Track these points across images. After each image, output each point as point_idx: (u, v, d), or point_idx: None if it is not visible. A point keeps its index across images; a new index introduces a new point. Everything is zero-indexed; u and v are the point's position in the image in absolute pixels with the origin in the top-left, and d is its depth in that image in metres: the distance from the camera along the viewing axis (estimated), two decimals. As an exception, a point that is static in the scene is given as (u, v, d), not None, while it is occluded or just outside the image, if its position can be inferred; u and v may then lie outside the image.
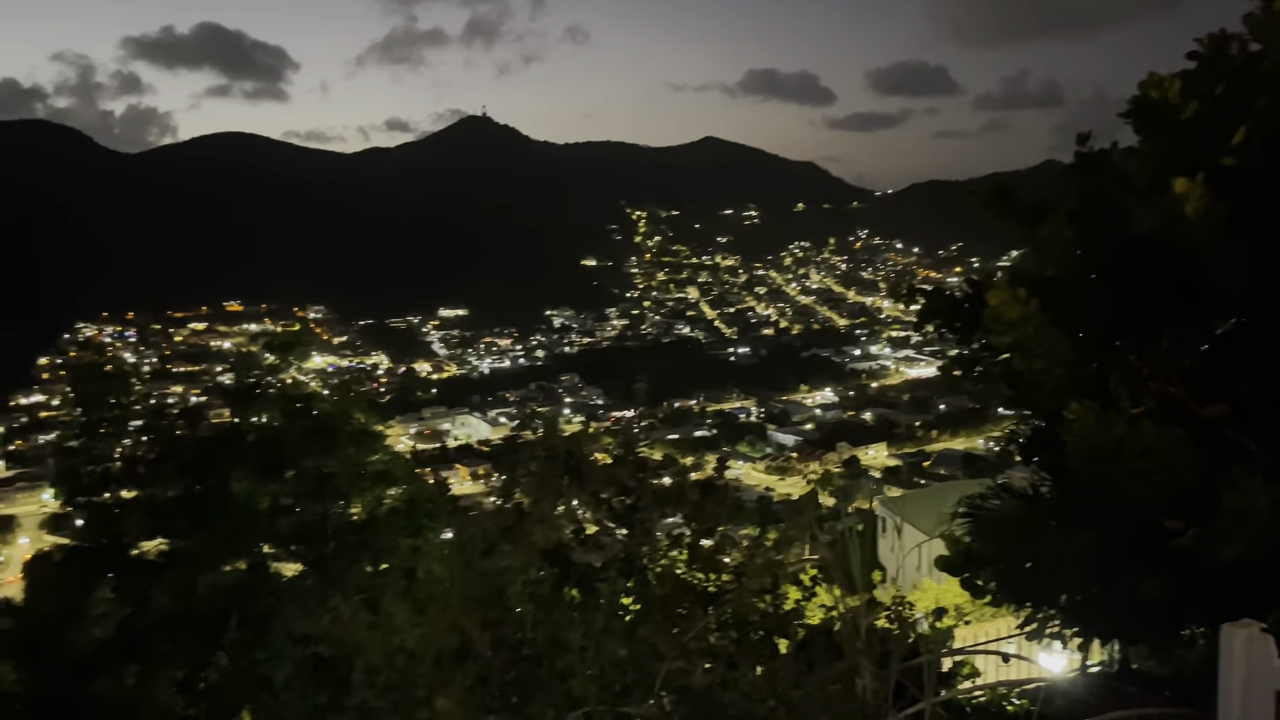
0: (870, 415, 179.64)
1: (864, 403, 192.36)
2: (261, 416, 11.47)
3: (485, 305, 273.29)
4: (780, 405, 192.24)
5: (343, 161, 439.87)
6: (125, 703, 8.78)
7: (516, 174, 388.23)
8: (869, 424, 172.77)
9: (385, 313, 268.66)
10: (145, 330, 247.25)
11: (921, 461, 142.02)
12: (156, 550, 10.67)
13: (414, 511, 10.80)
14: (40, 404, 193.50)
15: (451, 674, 6.45)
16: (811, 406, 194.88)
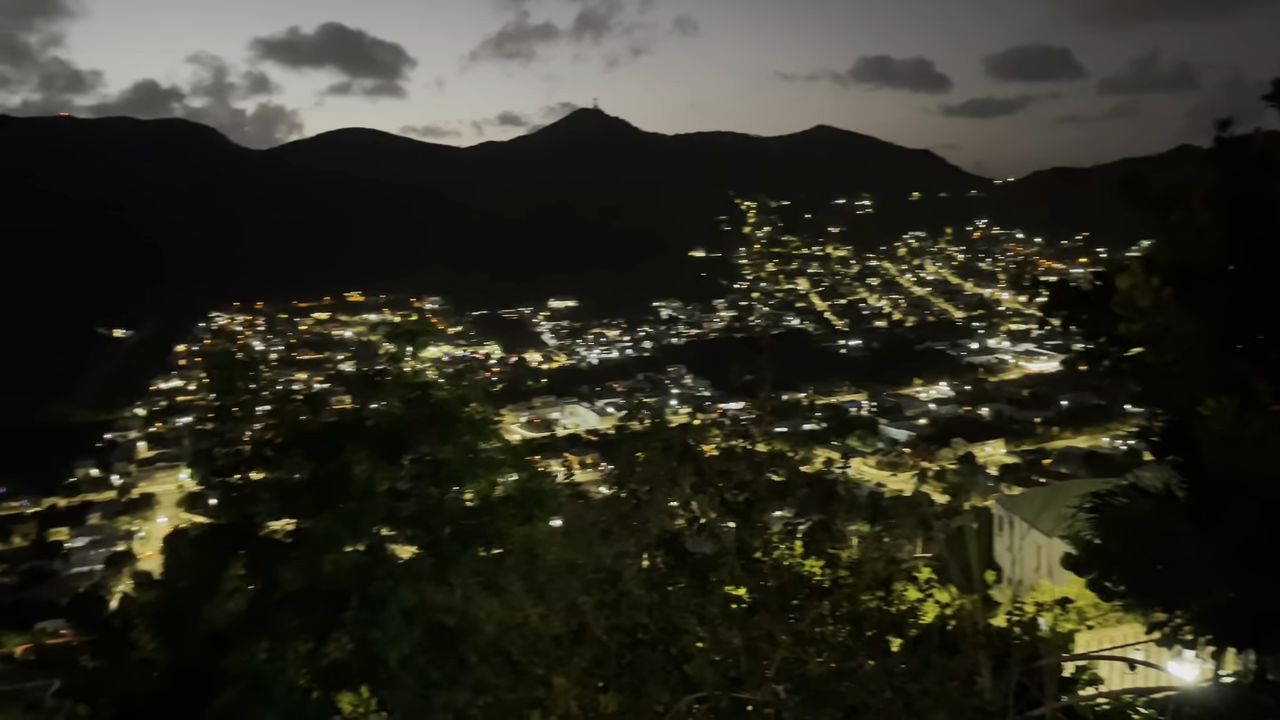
0: (987, 411, 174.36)
1: (981, 398, 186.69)
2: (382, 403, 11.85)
3: (594, 296, 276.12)
4: (893, 399, 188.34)
5: (458, 155, 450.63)
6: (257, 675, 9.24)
7: (626, 166, 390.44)
8: (986, 420, 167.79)
9: (498, 304, 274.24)
10: (273, 319, 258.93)
11: (1041, 459, 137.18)
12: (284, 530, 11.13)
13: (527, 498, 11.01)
14: (178, 389, 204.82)
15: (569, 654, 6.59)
16: (925, 401, 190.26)
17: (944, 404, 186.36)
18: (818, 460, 9.57)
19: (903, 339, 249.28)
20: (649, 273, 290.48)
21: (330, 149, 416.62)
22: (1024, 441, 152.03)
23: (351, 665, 10.68)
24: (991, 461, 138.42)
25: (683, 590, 6.73)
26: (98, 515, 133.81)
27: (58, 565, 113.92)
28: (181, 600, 10.43)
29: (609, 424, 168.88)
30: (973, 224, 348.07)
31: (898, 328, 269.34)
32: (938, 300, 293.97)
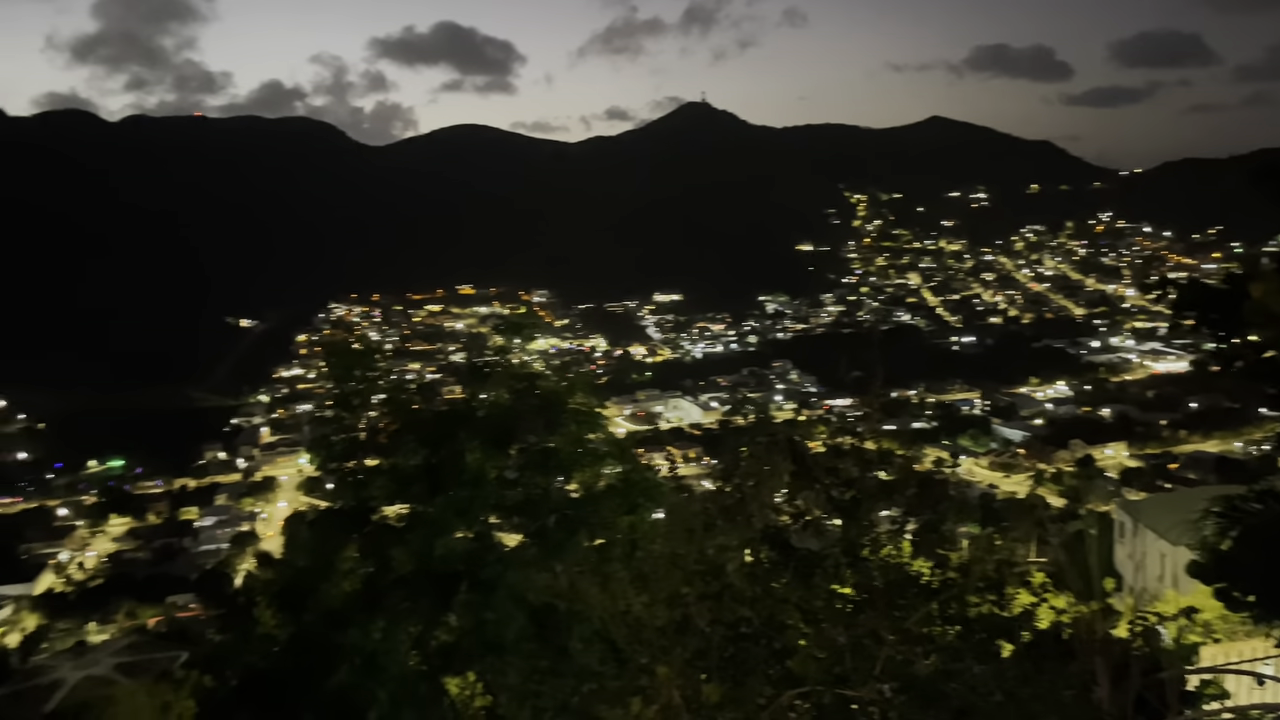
0: (1108, 412, 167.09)
1: (1102, 398, 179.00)
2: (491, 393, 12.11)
3: (699, 290, 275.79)
4: (1007, 398, 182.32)
5: (566, 150, 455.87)
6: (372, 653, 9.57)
7: (734, 159, 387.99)
8: (1107, 421, 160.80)
9: (604, 297, 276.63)
10: (388, 311, 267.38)
11: (1167, 464, 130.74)
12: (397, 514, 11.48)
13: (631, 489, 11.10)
14: (299, 377, 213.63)
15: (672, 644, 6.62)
16: (1042, 400, 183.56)
17: (1062, 404, 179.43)
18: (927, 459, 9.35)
19: (1019, 336, 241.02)
20: (755, 266, 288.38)
21: (443, 145, 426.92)
22: (1148, 445, 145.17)
23: (460, 648, 10.95)
24: (1112, 465, 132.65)
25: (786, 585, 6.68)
26: (224, 496, 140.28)
27: (187, 542, 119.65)
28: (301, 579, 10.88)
29: (712, 418, 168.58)
30: (1096, 217, 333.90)
31: (1013, 324, 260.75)
32: (1057, 296, 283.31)
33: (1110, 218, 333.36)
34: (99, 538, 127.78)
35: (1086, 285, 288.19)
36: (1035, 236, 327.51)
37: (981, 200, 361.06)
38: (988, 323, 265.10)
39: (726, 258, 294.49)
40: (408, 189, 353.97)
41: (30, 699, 29.00)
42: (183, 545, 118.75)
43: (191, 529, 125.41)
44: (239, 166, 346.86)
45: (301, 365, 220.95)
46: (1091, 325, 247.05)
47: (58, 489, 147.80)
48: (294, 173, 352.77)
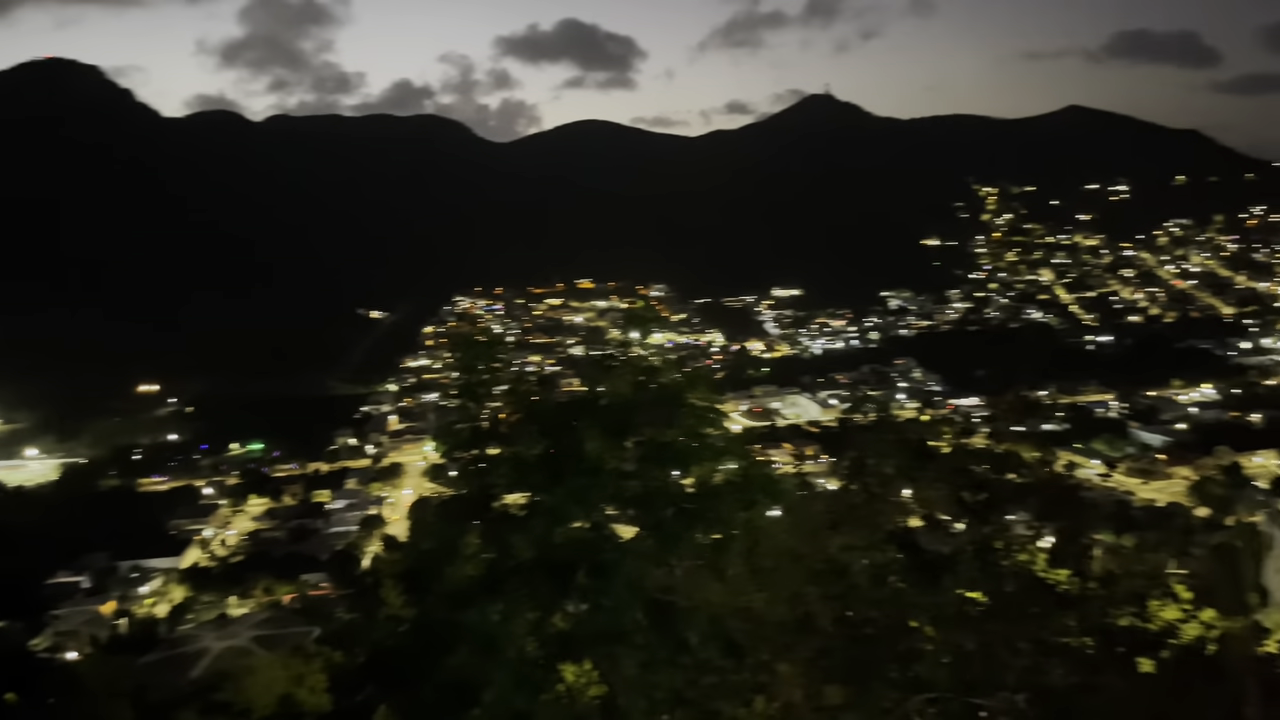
0: (1259, 417, 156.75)
1: (1252, 402, 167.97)
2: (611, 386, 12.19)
3: (820, 285, 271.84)
4: (1147, 401, 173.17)
5: (687, 145, 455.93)
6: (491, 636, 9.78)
7: (858, 151, 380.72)
8: (1258, 427, 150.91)
9: (722, 292, 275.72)
10: (511, 304, 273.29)
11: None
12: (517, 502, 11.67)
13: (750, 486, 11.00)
14: (425, 367, 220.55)
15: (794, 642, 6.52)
16: (1185, 404, 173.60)
17: (1207, 408, 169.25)
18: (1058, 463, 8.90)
19: (1160, 336, 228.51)
20: (878, 261, 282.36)
21: (565, 140, 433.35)
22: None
23: (576, 637, 11.08)
24: (1262, 473, 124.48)
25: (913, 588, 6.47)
26: (354, 481, 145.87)
27: (320, 524, 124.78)
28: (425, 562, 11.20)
29: (831, 416, 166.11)
30: (1248, 211, 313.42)
31: (1155, 323, 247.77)
32: (1203, 294, 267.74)
33: (1264, 211, 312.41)
34: (240, 516, 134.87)
35: (1236, 283, 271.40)
36: (1181, 231, 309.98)
37: (1122, 193, 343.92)
38: (1126, 322, 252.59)
39: (848, 252, 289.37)
40: (531, 184, 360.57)
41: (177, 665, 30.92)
42: (315, 526, 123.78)
43: (323, 511, 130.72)
44: (371, 163, 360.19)
45: (427, 356, 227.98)
46: (1241, 325, 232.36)
47: (203, 469, 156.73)
48: (423, 169, 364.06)
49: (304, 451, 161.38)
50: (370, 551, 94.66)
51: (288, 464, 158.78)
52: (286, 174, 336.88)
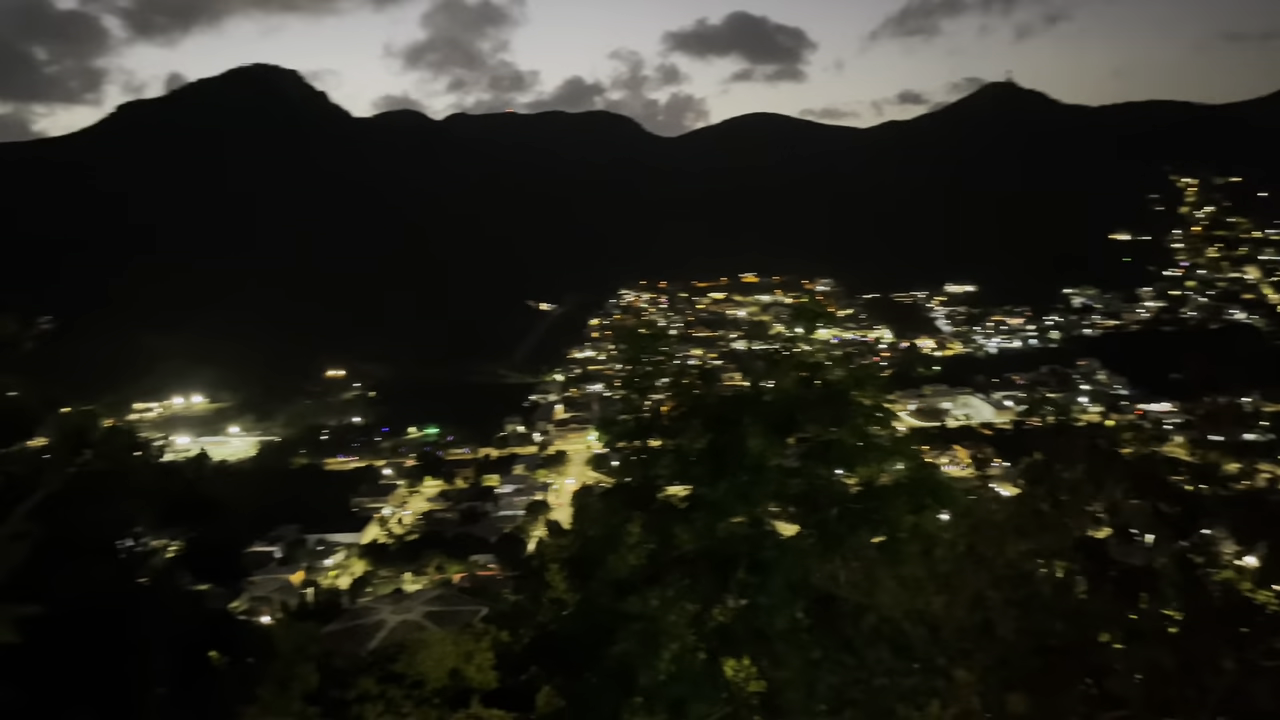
0: None
1: None
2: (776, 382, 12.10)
3: (997, 281, 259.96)
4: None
5: (857, 136, 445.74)
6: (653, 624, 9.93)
7: (1041, 140, 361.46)
8: None
9: (891, 287, 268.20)
10: (674, 298, 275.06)
11: None
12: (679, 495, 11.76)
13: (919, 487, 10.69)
14: (590, 358, 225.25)
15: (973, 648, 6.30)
16: None
17: None
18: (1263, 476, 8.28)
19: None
20: (1060, 255, 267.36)
21: (733, 134, 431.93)
22: None
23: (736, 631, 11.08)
24: None
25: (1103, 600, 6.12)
26: (521, 466, 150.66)
27: (489, 507, 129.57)
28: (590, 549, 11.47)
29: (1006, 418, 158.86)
30: None
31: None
32: None
33: None
34: (416, 497, 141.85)
35: None
36: None
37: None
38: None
39: (1029, 247, 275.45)
40: (697, 178, 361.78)
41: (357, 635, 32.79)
42: (484, 509, 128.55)
43: (492, 495, 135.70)
44: (543, 159, 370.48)
45: (593, 348, 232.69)
46: None
47: (384, 451, 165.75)
48: (592, 164, 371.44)
49: (475, 437, 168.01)
50: (535, 535, 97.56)
51: (460, 448, 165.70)
52: (464, 170, 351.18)
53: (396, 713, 19.55)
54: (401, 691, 20.06)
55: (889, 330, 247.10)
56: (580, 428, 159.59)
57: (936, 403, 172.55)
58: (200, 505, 11.42)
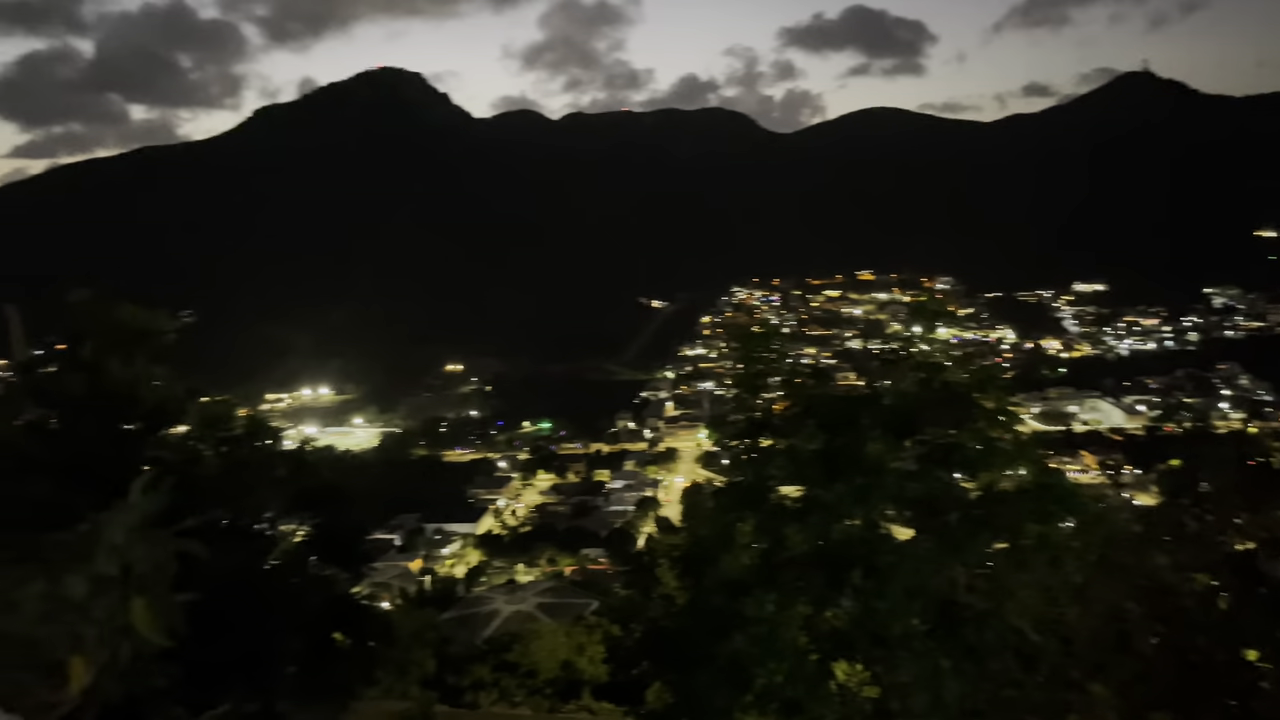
0: None
1: None
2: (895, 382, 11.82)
3: (1129, 279, 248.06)
4: None
5: (979, 130, 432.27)
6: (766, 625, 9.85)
7: (1182, 133, 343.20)
8: None
9: (1015, 285, 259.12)
10: (788, 295, 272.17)
11: None
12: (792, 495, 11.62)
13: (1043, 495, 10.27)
14: (701, 356, 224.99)
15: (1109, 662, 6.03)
16: None
17: None
18: None
19: None
20: (1201, 255, 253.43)
21: (850, 129, 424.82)
22: None
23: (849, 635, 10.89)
24: None
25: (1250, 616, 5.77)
26: (631, 463, 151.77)
27: (599, 502, 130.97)
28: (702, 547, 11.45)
29: (1138, 424, 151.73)
30: None
31: None
32: None
33: None
34: (529, 490, 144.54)
35: None
36: None
37: None
38: None
39: (1165, 245, 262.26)
40: (813, 174, 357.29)
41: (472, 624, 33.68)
42: (595, 504, 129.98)
43: (603, 490, 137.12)
44: (657, 156, 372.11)
45: (704, 345, 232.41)
46: None
47: (499, 444, 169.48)
48: (706, 161, 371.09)
49: (587, 432, 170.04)
50: (644, 531, 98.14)
51: (572, 443, 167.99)
52: (579, 168, 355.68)
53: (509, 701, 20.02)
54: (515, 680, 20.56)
55: (1012, 330, 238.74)
56: (690, 425, 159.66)
57: (1062, 406, 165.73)
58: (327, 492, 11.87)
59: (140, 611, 2.41)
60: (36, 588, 2.38)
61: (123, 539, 2.42)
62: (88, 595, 2.38)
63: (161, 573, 2.48)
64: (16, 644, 2.36)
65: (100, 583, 2.40)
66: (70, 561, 2.42)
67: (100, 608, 2.40)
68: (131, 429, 7.70)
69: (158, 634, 2.44)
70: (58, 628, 2.39)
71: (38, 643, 2.38)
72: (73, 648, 2.42)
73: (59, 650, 2.40)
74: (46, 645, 2.39)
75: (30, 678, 2.48)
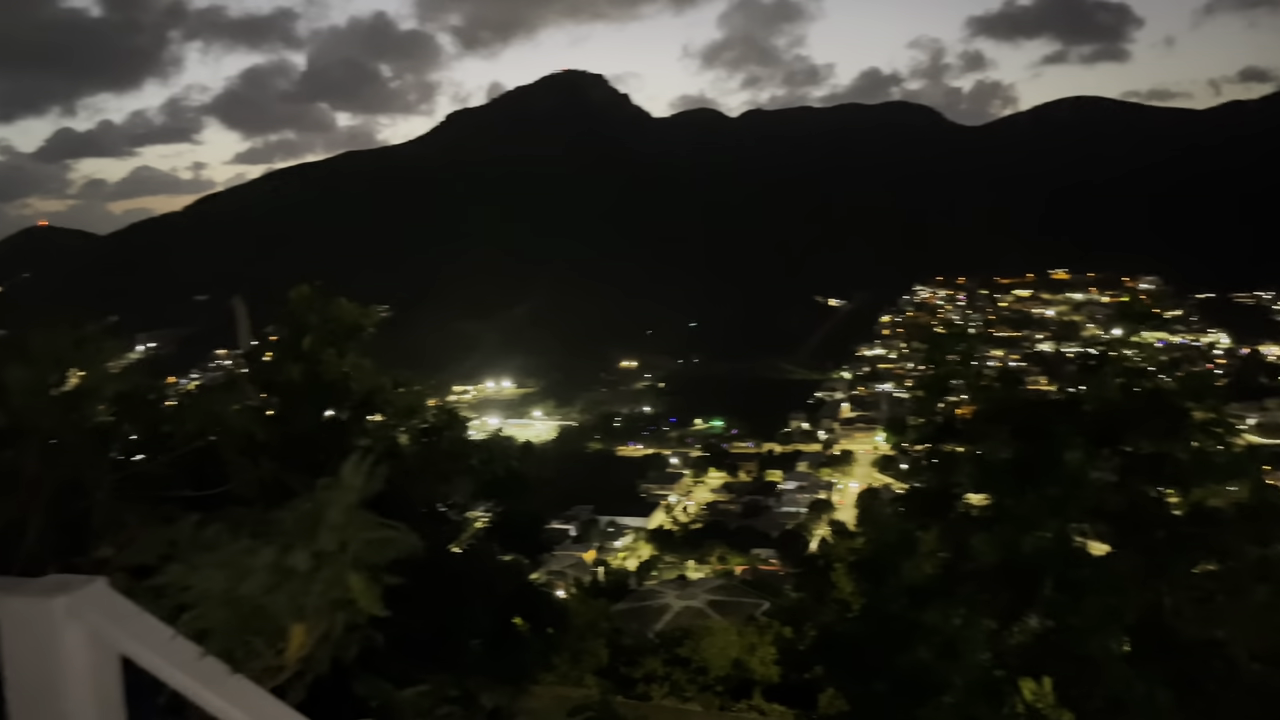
0: None
1: None
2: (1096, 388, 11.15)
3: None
4: None
5: (1191, 118, 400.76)
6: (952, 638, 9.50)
7: None
8: None
9: (1230, 286, 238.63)
10: (973, 295, 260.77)
11: None
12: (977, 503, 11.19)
13: (1263, 515, 9.45)
14: (880, 356, 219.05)
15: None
16: None
17: None
18: None
19: None
20: None
21: (1044, 120, 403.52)
22: None
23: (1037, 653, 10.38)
24: None
25: None
26: (804, 464, 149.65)
27: (771, 502, 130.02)
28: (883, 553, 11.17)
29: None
30: None
31: None
32: None
33: None
34: (700, 487, 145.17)
35: None
36: None
37: None
38: None
39: None
40: (1004, 167, 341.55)
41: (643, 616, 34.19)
42: (767, 504, 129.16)
43: (775, 490, 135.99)
44: (838, 152, 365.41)
45: (883, 345, 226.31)
46: None
47: (671, 440, 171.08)
48: (888, 156, 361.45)
49: (760, 431, 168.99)
50: (817, 534, 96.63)
51: (744, 442, 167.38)
52: (758, 165, 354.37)
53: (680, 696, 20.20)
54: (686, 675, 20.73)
55: (1226, 335, 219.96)
56: (867, 428, 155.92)
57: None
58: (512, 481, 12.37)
59: (358, 585, 2.59)
60: (267, 557, 2.61)
61: (342, 518, 2.61)
62: (310, 568, 2.59)
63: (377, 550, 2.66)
64: (248, 609, 2.59)
65: (321, 557, 2.60)
66: (296, 536, 2.63)
67: (320, 580, 2.60)
68: (341, 416, 8.28)
69: (375, 606, 2.63)
70: (283, 596, 2.60)
71: (266, 609, 2.60)
72: (295, 616, 2.63)
73: (283, 618, 2.62)
74: (274, 612, 2.61)
75: (258, 643, 2.71)
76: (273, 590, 2.67)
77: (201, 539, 2.82)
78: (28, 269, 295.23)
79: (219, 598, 2.56)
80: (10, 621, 2.66)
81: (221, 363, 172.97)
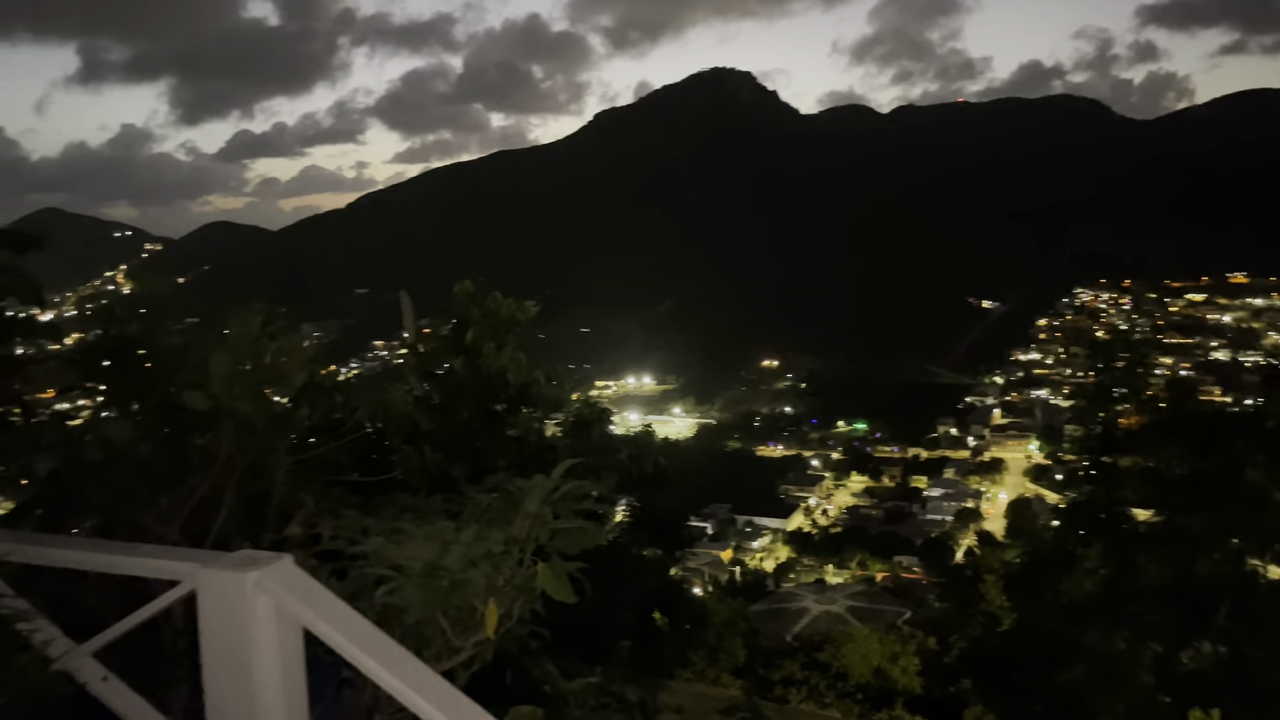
0: None
1: None
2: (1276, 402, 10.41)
3: None
4: None
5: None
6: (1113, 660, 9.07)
7: None
8: None
9: None
10: (1140, 298, 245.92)
11: None
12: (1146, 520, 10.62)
13: None
14: (1035, 361, 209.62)
15: None
16: None
17: None
18: None
19: None
20: None
21: (1224, 113, 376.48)
22: None
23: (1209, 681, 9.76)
24: None
25: None
26: (951, 471, 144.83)
27: (914, 509, 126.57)
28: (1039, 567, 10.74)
29: None
30: None
31: None
32: None
33: None
34: (841, 490, 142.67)
35: None
36: None
37: None
38: None
39: None
40: (1179, 163, 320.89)
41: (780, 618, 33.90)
42: (910, 510, 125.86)
43: (919, 497, 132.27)
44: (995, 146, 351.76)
45: (1039, 350, 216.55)
46: None
47: (812, 441, 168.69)
48: (1050, 151, 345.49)
49: (905, 435, 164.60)
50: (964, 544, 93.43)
51: (888, 446, 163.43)
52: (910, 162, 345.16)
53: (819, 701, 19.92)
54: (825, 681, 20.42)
55: None
56: (1020, 435, 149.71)
57: None
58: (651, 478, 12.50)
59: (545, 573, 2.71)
60: (469, 534, 2.76)
61: (536, 508, 2.73)
62: (503, 551, 2.72)
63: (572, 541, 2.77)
64: (448, 584, 2.74)
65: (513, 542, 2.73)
66: (495, 520, 2.77)
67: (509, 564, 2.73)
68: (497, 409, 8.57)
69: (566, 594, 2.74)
70: (478, 574, 2.75)
71: (463, 587, 2.75)
72: (488, 595, 2.77)
73: (477, 595, 2.76)
74: (470, 588, 2.76)
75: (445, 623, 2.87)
76: (469, 567, 2.82)
77: (397, 520, 3.00)
78: (209, 262, 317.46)
79: (421, 572, 2.72)
80: (207, 591, 2.96)
81: (378, 352, 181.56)
